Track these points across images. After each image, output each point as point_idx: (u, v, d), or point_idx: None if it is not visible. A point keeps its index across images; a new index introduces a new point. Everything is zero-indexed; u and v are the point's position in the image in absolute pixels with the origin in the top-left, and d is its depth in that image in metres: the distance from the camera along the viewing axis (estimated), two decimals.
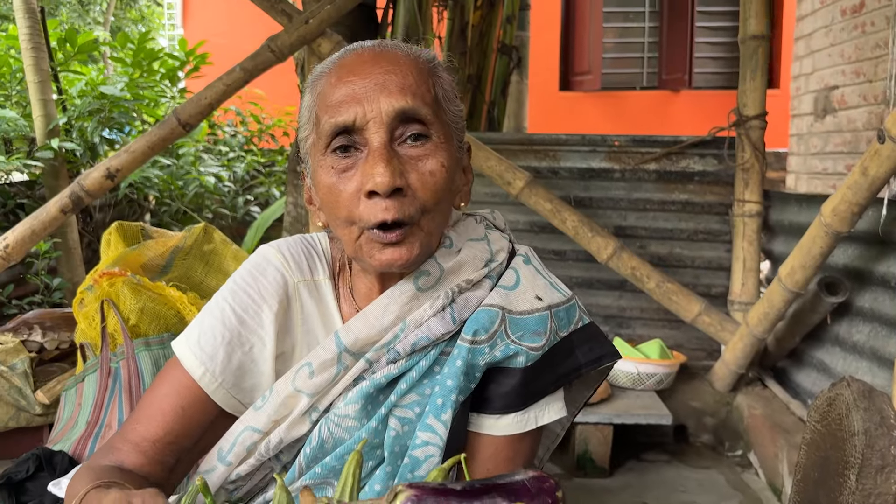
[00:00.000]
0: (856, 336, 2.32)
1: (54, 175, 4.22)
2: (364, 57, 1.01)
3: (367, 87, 0.97)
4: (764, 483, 2.51)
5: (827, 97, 4.83)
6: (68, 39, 4.62)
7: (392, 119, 0.96)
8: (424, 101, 0.98)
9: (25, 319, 2.67)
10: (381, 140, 0.95)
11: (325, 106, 1.00)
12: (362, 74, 0.98)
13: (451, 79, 1.07)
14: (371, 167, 0.95)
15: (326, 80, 1.02)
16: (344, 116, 0.96)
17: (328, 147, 0.99)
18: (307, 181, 1.09)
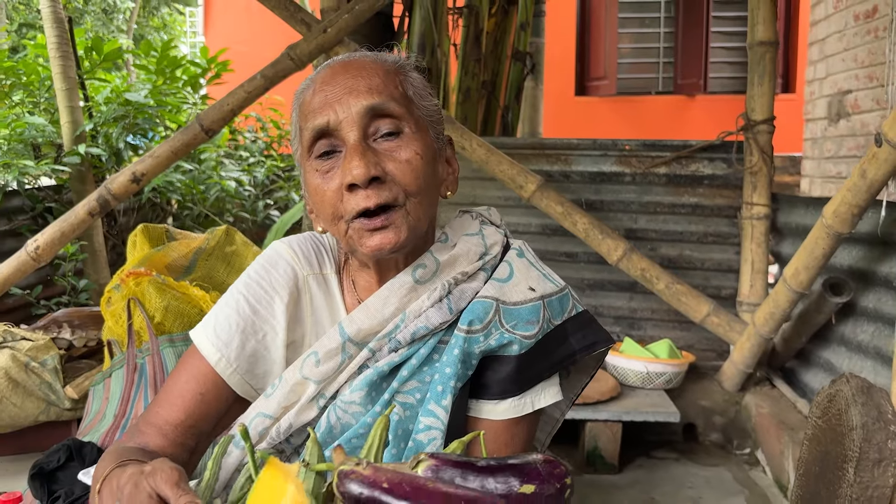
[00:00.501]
0: (860, 335, 2.36)
1: (81, 180, 4.35)
2: (336, 68, 1.10)
3: (337, 93, 1.05)
4: (770, 480, 2.56)
5: (840, 101, 4.86)
6: (94, 48, 4.74)
7: (362, 117, 1.04)
8: (392, 97, 1.06)
9: (55, 318, 2.78)
10: (355, 137, 1.04)
11: (304, 116, 1.08)
12: (333, 83, 1.07)
13: (421, 77, 1.15)
14: (348, 163, 1.02)
15: (305, 94, 1.10)
16: (319, 120, 1.05)
17: (311, 153, 1.07)
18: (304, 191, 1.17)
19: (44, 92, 4.61)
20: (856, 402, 1.79)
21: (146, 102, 4.41)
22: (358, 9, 2.75)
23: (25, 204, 4.16)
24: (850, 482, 1.76)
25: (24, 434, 2.62)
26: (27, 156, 4.16)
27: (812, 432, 1.98)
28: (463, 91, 3.94)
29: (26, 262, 2.91)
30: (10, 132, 4.17)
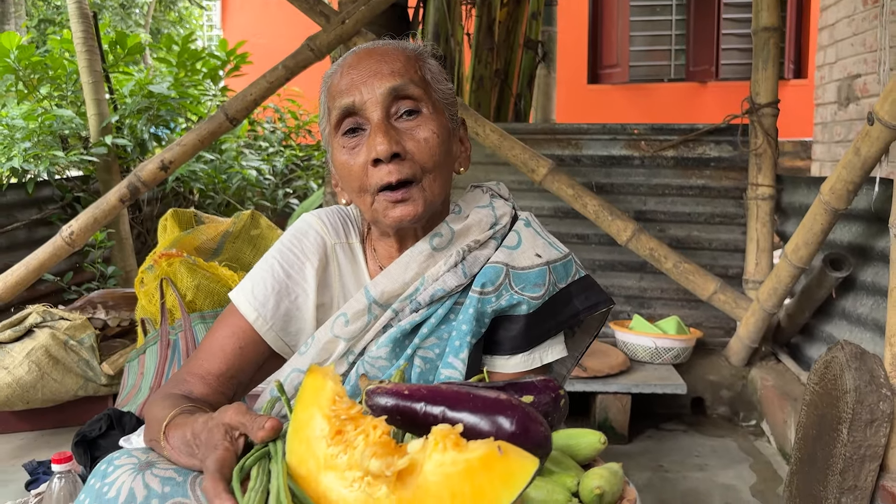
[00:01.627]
0: (860, 309, 2.46)
1: (107, 170, 4.50)
2: (361, 54, 1.22)
3: (363, 75, 1.18)
4: (775, 449, 2.67)
5: (850, 86, 4.92)
6: (118, 42, 4.89)
7: (385, 97, 1.16)
8: (412, 80, 1.18)
9: (90, 299, 2.92)
10: (378, 116, 1.15)
11: (332, 97, 1.21)
12: (359, 67, 1.19)
13: (437, 63, 1.28)
14: (373, 139, 1.15)
15: (333, 78, 1.23)
16: (346, 100, 1.17)
17: (338, 130, 1.19)
18: (331, 166, 1.30)
19: (70, 85, 4.76)
20: (849, 367, 1.89)
21: (169, 94, 4.54)
22: (375, 0, 2.86)
23: (55, 194, 4.32)
24: (844, 442, 1.87)
25: (64, 408, 2.76)
26: (56, 147, 4.32)
27: (810, 398, 2.08)
28: (476, 79, 4.05)
29: (61, 247, 3.05)
30: (39, 125, 4.32)
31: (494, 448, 0.67)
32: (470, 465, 0.68)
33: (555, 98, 5.31)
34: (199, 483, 1.05)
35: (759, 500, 2.30)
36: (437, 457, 0.70)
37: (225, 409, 0.94)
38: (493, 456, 0.67)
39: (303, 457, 0.79)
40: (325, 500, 0.76)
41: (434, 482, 0.69)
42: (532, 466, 0.66)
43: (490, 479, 0.67)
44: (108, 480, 1.04)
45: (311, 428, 0.79)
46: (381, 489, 0.72)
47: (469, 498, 0.67)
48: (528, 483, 0.66)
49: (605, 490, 0.83)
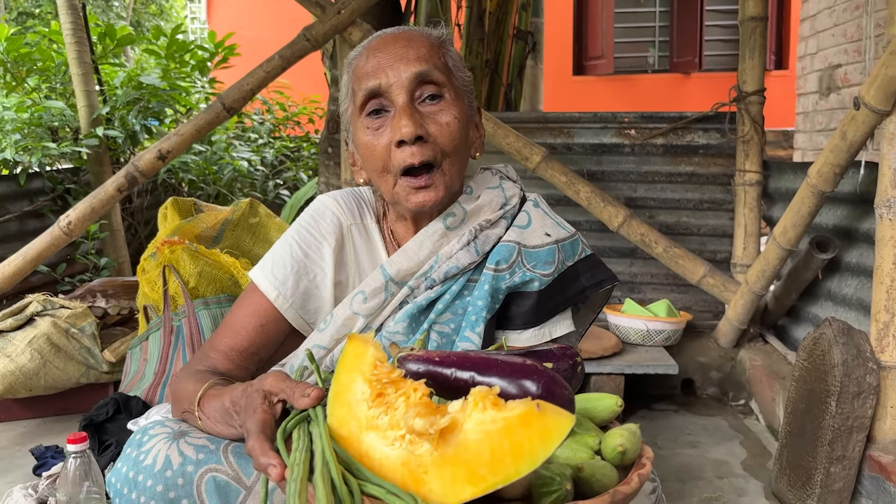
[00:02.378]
0: (845, 289, 2.54)
1: (98, 161, 4.50)
2: (387, 38, 1.27)
3: (389, 59, 1.22)
4: (763, 426, 2.75)
5: (831, 76, 5.02)
6: (107, 34, 4.89)
7: (411, 82, 1.21)
8: (436, 66, 1.23)
9: (90, 288, 2.95)
10: (403, 99, 1.20)
11: (357, 78, 1.25)
12: (385, 50, 1.24)
13: (458, 52, 1.33)
14: (398, 121, 1.20)
15: (358, 60, 1.27)
16: (372, 82, 1.22)
17: (363, 111, 1.24)
18: (350, 145, 1.35)
19: (59, 77, 4.76)
20: (837, 342, 1.97)
21: (161, 86, 4.55)
22: None
23: (46, 185, 4.32)
24: (833, 414, 1.95)
25: (66, 396, 2.79)
26: (46, 139, 4.32)
27: (799, 373, 2.16)
28: None
29: (59, 237, 3.07)
30: (29, 116, 4.32)
31: (533, 406, 0.73)
32: (509, 423, 0.73)
33: (542, 89, 5.36)
34: (232, 451, 1.11)
35: (750, 474, 2.38)
36: (477, 416, 0.75)
37: (265, 377, 0.99)
38: (532, 413, 0.72)
39: (344, 419, 0.84)
40: (367, 458, 0.81)
41: (474, 439, 0.75)
42: (569, 423, 0.72)
43: (529, 436, 0.72)
44: (144, 449, 1.09)
45: (352, 392, 0.84)
46: (422, 447, 0.77)
47: (508, 453, 0.73)
48: (565, 439, 0.72)
49: (627, 448, 0.88)
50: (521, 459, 0.71)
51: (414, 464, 0.77)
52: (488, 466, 0.72)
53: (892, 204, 1.92)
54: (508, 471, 0.72)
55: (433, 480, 0.76)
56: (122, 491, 1.08)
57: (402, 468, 0.78)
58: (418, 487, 0.76)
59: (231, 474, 1.09)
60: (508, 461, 0.72)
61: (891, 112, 1.91)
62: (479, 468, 0.73)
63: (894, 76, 1.84)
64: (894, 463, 1.89)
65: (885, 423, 1.98)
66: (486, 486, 0.72)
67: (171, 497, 1.06)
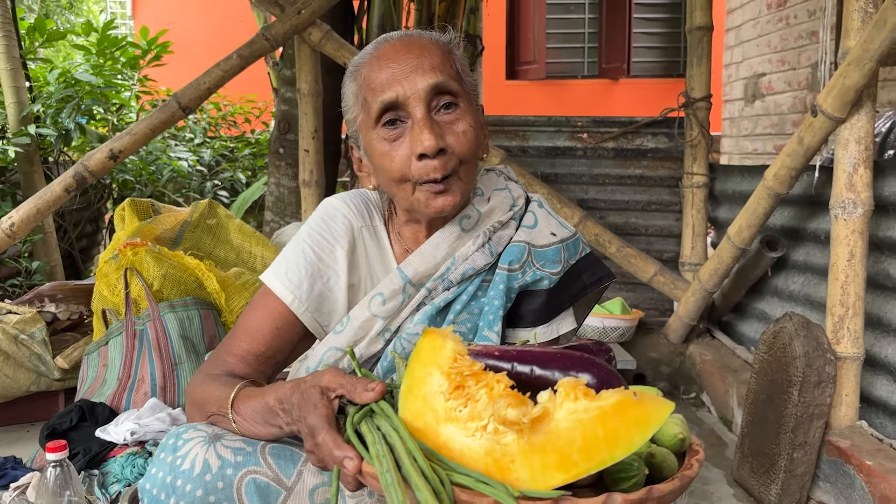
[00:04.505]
0: (792, 286, 2.70)
1: (28, 160, 4.30)
2: (397, 46, 1.25)
3: (404, 70, 1.21)
4: (716, 417, 2.88)
5: (756, 84, 5.28)
6: (37, 28, 4.68)
7: (428, 93, 1.20)
8: (450, 75, 1.23)
9: (39, 292, 2.83)
10: (422, 112, 1.20)
11: (370, 89, 1.23)
12: (398, 60, 1.22)
13: (463, 55, 1.35)
14: (418, 134, 1.19)
15: (368, 68, 1.25)
16: (389, 94, 1.20)
17: (378, 122, 1.23)
18: (357, 153, 1.35)
19: None
20: (798, 335, 2.09)
21: (97, 83, 4.39)
22: None
23: None
24: (795, 403, 2.07)
25: (14, 405, 2.67)
26: None
27: (759, 366, 2.28)
28: None
29: (2, 240, 2.94)
30: None
31: (630, 395, 0.76)
32: (603, 412, 0.77)
33: (481, 92, 5.44)
34: (269, 452, 1.11)
35: (710, 463, 2.49)
36: (568, 405, 0.78)
37: (321, 373, 1.00)
38: (628, 402, 0.76)
39: (418, 412, 0.86)
40: (447, 449, 0.83)
41: (566, 427, 0.78)
42: (668, 409, 0.75)
43: (624, 423, 0.75)
44: (181, 453, 1.08)
45: (428, 385, 0.86)
46: (507, 436, 0.80)
47: (602, 440, 0.76)
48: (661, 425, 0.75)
49: (685, 436, 0.93)
50: (617, 445, 0.74)
51: (499, 453, 0.80)
52: (581, 453, 0.76)
53: (846, 205, 2.05)
54: (602, 456, 0.75)
55: (521, 469, 0.78)
56: (158, 496, 1.06)
57: (486, 457, 0.80)
58: (504, 476, 0.79)
59: (271, 476, 1.09)
60: (603, 447, 0.75)
61: (846, 119, 2.04)
62: (572, 455, 0.76)
63: (851, 86, 1.98)
64: (852, 447, 2.02)
65: (840, 410, 2.11)
66: (578, 471, 0.76)
67: (212, 501, 1.05)
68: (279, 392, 1.05)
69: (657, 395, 1.03)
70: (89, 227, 4.84)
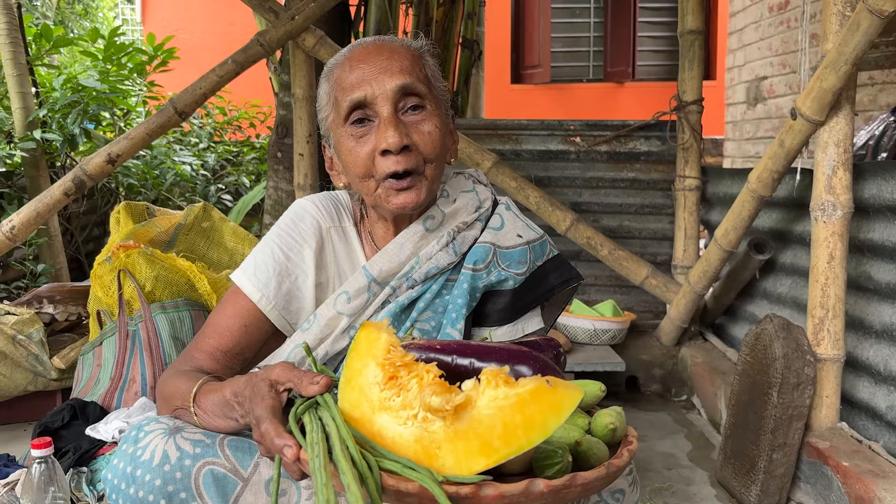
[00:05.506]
0: (780, 288, 2.70)
1: (34, 165, 4.38)
2: (369, 49, 1.30)
3: (374, 71, 1.26)
4: (705, 420, 2.89)
5: (758, 87, 5.28)
6: (44, 34, 4.76)
7: (395, 94, 1.25)
8: (418, 78, 1.28)
9: (37, 293, 2.88)
10: (388, 111, 1.25)
11: (341, 88, 1.29)
12: (369, 61, 1.27)
13: (435, 62, 1.39)
14: (383, 132, 1.24)
15: (340, 69, 1.31)
16: (357, 94, 1.25)
17: (347, 120, 1.28)
18: (328, 151, 1.39)
19: None
20: (778, 337, 2.10)
21: (102, 88, 4.47)
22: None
23: None
24: (774, 404, 2.08)
25: (12, 404, 2.73)
26: None
27: (742, 367, 2.30)
28: None
29: (2, 242, 3.00)
30: None
31: (544, 382, 0.79)
32: (521, 398, 0.80)
33: (483, 96, 5.47)
34: (228, 444, 1.14)
35: (696, 465, 2.50)
36: (490, 392, 0.82)
37: (272, 367, 1.03)
38: (543, 388, 0.79)
39: (356, 402, 0.89)
40: (380, 437, 0.86)
41: (487, 414, 0.81)
42: (578, 395, 0.78)
43: (540, 409, 0.79)
44: (141, 445, 1.12)
45: (365, 376, 0.89)
46: (435, 424, 0.83)
47: (520, 426, 0.79)
48: (574, 411, 0.78)
49: (617, 426, 0.96)
50: (533, 430, 0.77)
51: (427, 440, 0.83)
52: (501, 438, 0.78)
53: (826, 207, 2.07)
54: (520, 442, 0.78)
55: (447, 455, 0.81)
56: (119, 486, 1.10)
57: (416, 445, 0.83)
58: (431, 462, 0.82)
59: (228, 467, 1.12)
60: (520, 433, 0.78)
61: (825, 122, 2.06)
62: (493, 440, 0.79)
63: (828, 89, 1.99)
64: (830, 448, 2.03)
65: (821, 411, 2.12)
66: (498, 456, 0.78)
67: (170, 490, 1.09)
68: (235, 386, 1.08)
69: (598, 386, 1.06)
70: (96, 231, 4.91)
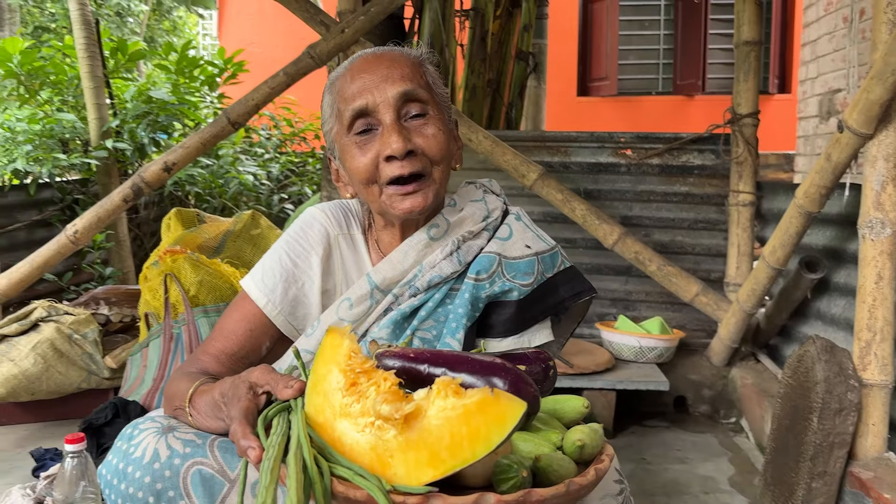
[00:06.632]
0: (833, 309, 2.58)
1: (107, 173, 4.59)
2: (369, 59, 1.32)
3: (375, 80, 1.27)
4: (752, 444, 2.78)
5: (831, 100, 5.07)
6: (119, 49, 5.00)
7: (397, 100, 1.26)
8: (419, 85, 1.28)
9: (94, 295, 3.01)
10: (391, 118, 1.25)
11: (343, 99, 1.30)
12: (370, 71, 1.28)
13: (435, 69, 1.39)
14: (387, 138, 1.25)
15: (342, 81, 1.32)
16: (359, 102, 1.26)
17: (350, 129, 1.29)
18: (334, 163, 1.40)
19: (71, 90, 4.86)
20: (820, 359, 2.01)
21: (170, 100, 4.64)
22: (373, 11, 2.98)
23: (55, 196, 4.41)
24: (815, 430, 1.98)
25: (67, 401, 2.85)
26: (57, 150, 4.41)
27: (784, 390, 2.20)
28: (469, 89, 4.18)
29: (65, 246, 3.14)
30: (41, 128, 4.41)
31: (488, 392, 0.78)
32: (467, 409, 0.79)
33: (545, 109, 5.44)
34: (218, 445, 1.16)
35: (736, 490, 2.41)
36: (439, 402, 0.81)
37: (252, 370, 1.05)
38: (488, 400, 0.78)
39: (320, 406, 0.90)
40: (340, 443, 0.86)
41: (436, 425, 0.80)
42: (520, 408, 0.77)
43: (485, 421, 0.77)
44: (134, 442, 1.15)
45: (329, 381, 0.90)
46: (389, 432, 0.82)
47: (466, 438, 0.78)
48: (517, 425, 0.77)
49: (586, 443, 0.93)
50: (478, 443, 0.76)
51: (381, 448, 0.82)
52: (448, 450, 0.77)
53: (874, 225, 1.97)
54: (466, 454, 0.77)
55: (398, 464, 0.81)
56: (111, 482, 1.13)
57: (371, 452, 0.83)
58: (384, 471, 0.81)
59: (216, 468, 1.14)
60: (466, 445, 0.77)
61: (873, 135, 1.96)
62: (441, 452, 0.78)
63: (876, 100, 1.90)
64: (874, 479, 1.92)
65: (866, 440, 2.01)
66: (445, 468, 0.77)
67: (159, 488, 1.11)
68: (223, 386, 1.11)
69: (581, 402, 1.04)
70: None
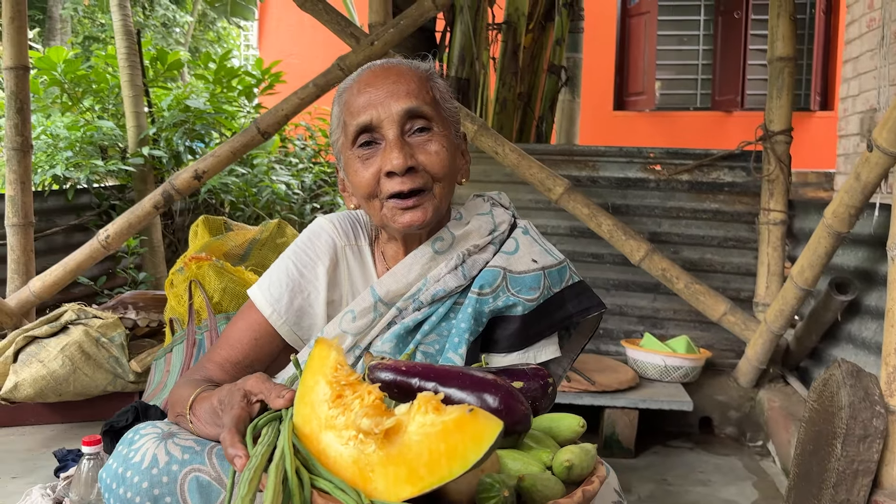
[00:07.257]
0: (865, 332, 2.51)
1: (143, 179, 4.69)
2: (376, 72, 1.32)
3: (380, 95, 1.27)
4: (779, 468, 2.71)
5: (872, 118, 4.96)
6: (159, 58, 5.11)
7: (401, 117, 1.26)
8: (425, 101, 1.28)
9: (122, 300, 3.06)
10: (394, 133, 1.26)
11: (349, 112, 1.30)
12: (376, 85, 1.29)
13: (444, 83, 1.39)
14: (389, 153, 1.25)
15: (349, 93, 1.32)
16: (364, 117, 1.27)
17: (354, 143, 1.30)
18: (340, 173, 1.41)
19: (112, 98, 4.98)
20: (845, 384, 1.95)
21: (206, 109, 4.73)
22: (403, 24, 3.00)
23: (93, 201, 4.51)
24: (838, 457, 1.92)
25: (93, 403, 2.90)
26: (96, 156, 4.51)
27: (808, 415, 2.14)
28: (500, 102, 4.17)
29: (97, 250, 3.21)
30: (81, 135, 4.52)
31: (465, 410, 0.77)
32: (446, 426, 0.78)
33: (578, 123, 5.41)
34: (216, 453, 1.16)
35: None
36: (419, 418, 0.80)
37: (247, 378, 1.05)
38: (465, 418, 0.77)
39: (307, 417, 0.89)
40: (324, 455, 0.86)
41: (416, 441, 0.79)
42: (496, 428, 0.75)
43: (462, 439, 0.76)
44: (135, 447, 1.16)
45: (316, 392, 0.89)
46: (371, 446, 0.82)
47: (444, 454, 0.77)
48: (494, 443, 0.75)
49: (574, 464, 0.91)
50: (455, 461, 0.75)
51: (363, 462, 0.82)
52: (427, 467, 0.77)
53: None
54: (443, 472, 0.76)
55: (378, 479, 0.80)
56: (111, 486, 1.14)
57: (353, 466, 0.82)
58: (365, 485, 0.81)
59: (213, 475, 1.14)
60: (444, 462, 0.76)
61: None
62: (419, 468, 0.77)
63: None
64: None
65: (892, 468, 1.94)
66: (423, 485, 0.76)
67: (156, 494, 1.12)
68: (221, 393, 1.11)
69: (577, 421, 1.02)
70: None
